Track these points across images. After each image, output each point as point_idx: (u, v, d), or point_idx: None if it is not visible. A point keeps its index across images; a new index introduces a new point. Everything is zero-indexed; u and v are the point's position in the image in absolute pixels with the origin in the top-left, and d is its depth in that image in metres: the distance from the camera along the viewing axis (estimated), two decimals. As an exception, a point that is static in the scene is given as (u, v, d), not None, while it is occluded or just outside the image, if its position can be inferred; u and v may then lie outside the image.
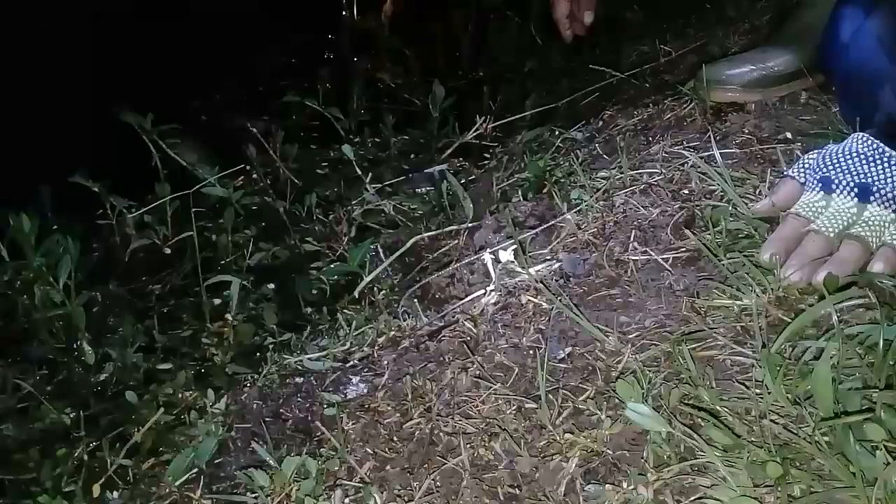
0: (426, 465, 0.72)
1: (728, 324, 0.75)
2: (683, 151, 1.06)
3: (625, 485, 0.63)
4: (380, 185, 1.59)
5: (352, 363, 0.93)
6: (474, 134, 1.73)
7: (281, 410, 0.88)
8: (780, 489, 0.57)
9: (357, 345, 0.97)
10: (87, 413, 1.03)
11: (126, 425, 1.00)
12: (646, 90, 1.49)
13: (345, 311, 1.11)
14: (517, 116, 1.73)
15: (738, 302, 0.77)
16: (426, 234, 1.24)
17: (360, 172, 1.56)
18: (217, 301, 1.31)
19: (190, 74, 1.97)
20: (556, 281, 0.91)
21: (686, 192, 0.99)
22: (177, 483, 0.81)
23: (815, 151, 0.89)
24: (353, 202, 1.56)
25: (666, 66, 1.56)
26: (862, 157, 0.83)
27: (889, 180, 0.81)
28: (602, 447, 0.67)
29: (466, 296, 0.97)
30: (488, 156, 1.69)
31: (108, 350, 1.17)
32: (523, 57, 2.05)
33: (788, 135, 1.06)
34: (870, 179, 0.81)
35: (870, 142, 0.84)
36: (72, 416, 1.05)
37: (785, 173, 0.90)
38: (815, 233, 0.80)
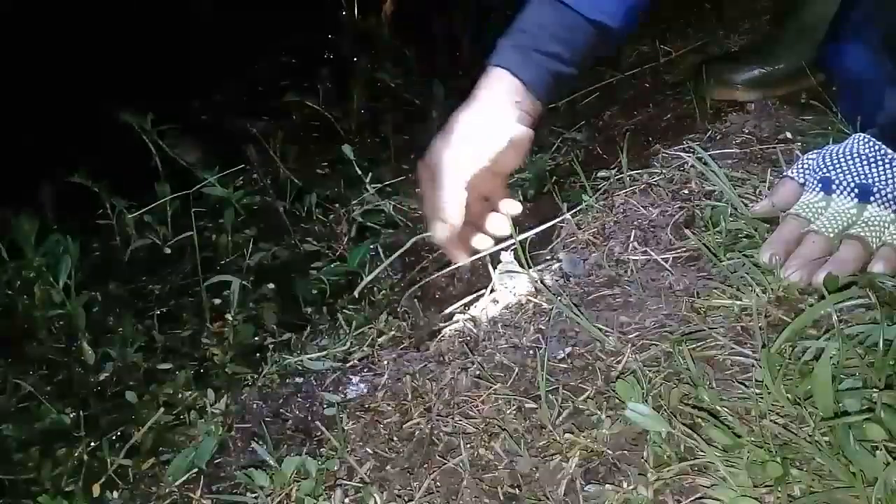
0: (426, 465, 0.72)
1: (728, 324, 0.75)
2: (683, 152, 1.06)
3: (625, 485, 0.63)
4: (380, 185, 1.59)
5: (352, 363, 0.93)
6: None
7: (281, 410, 0.88)
8: (779, 489, 0.57)
9: (357, 345, 0.97)
10: (87, 413, 1.03)
11: (126, 425, 1.00)
12: (646, 90, 1.50)
13: (345, 311, 1.11)
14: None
15: (738, 302, 0.77)
16: (426, 234, 1.24)
17: (360, 172, 1.56)
18: (217, 301, 1.31)
19: (190, 74, 1.97)
20: (556, 281, 0.91)
21: (686, 192, 0.99)
22: (177, 483, 0.81)
23: (815, 152, 0.89)
24: (353, 202, 1.56)
25: (666, 66, 1.56)
26: (862, 157, 0.83)
27: (889, 181, 0.81)
28: (602, 447, 0.67)
29: (466, 296, 0.97)
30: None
31: (108, 350, 1.17)
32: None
33: (788, 135, 1.06)
34: (870, 180, 0.81)
35: (871, 143, 0.84)
36: (72, 415, 1.05)
37: (784, 174, 0.90)
38: (815, 233, 0.80)
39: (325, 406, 0.85)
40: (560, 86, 0.88)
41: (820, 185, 0.84)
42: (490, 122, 0.84)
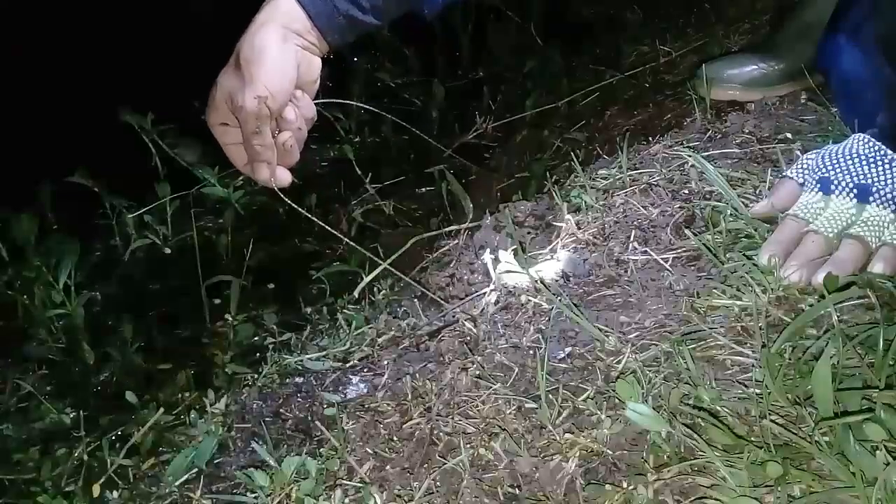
0: (426, 465, 0.72)
1: (728, 324, 0.75)
2: (683, 152, 1.06)
3: (625, 485, 0.63)
4: (380, 185, 1.59)
5: (352, 363, 0.93)
6: (474, 134, 1.74)
7: (281, 410, 0.88)
8: (779, 489, 0.57)
9: (357, 345, 0.97)
10: (87, 413, 1.04)
11: (126, 425, 1.00)
12: (646, 90, 1.49)
13: (345, 310, 1.11)
14: (517, 116, 1.73)
15: (738, 302, 0.77)
16: (426, 234, 1.24)
17: (360, 172, 1.56)
18: (217, 301, 1.31)
19: (190, 74, 1.97)
20: (556, 281, 0.91)
21: (686, 192, 0.99)
22: (177, 483, 0.81)
23: (815, 152, 0.89)
24: (353, 202, 1.56)
25: (666, 66, 1.56)
26: (862, 157, 0.83)
27: (889, 181, 0.81)
28: (602, 447, 0.67)
29: (466, 296, 0.97)
30: (488, 156, 1.69)
31: (108, 350, 1.18)
32: (523, 57, 2.06)
33: (788, 135, 1.06)
34: (869, 180, 0.81)
35: (871, 143, 0.84)
36: (72, 415, 1.06)
37: (784, 174, 0.90)
38: (815, 233, 0.80)
39: (325, 406, 0.85)
40: (352, 31, 0.81)
41: (819, 186, 0.84)
42: (266, 51, 0.76)
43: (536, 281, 0.91)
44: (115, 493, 0.86)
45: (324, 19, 0.78)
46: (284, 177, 0.83)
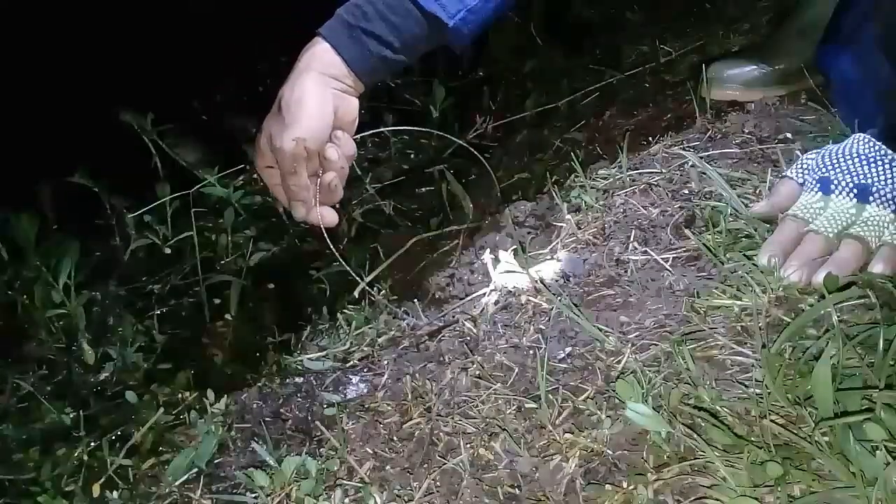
0: (426, 465, 0.72)
1: (728, 324, 0.75)
2: (683, 151, 1.06)
3: (625, 485, 0.63)
4: (380, 185, 1.59)
5: (352, 363, 0.93)
6: (474, 134, 1.74)
7: (281, 410, 0.88)
8: (780, 489, 0.57)
9: (357, 345, 0.97)
10: (87, 413, 1.03)
11: (126, 425, 1.00)
12: (646, 90, 1.49)
13: (345, 310, 1.11)
14: (517, 116, 1.73)
15: (738, 302, 0.77)
16: (426, 234, 1.24)
17: (359, 172, 1.56)
18: (217, 301, 1.31)
19: (190, 74, 1.97)
20: (556, 281, 0.91)
21: (686, 192, 0.99)
22: (177, 483, 0.81)
23: (815, 152, 0.89)
24: (353, 202, 1.56)
25: (666, 66, 1.55)
26: (862, 157, 0.83)
27: (889, 181, 0.81)
28: (602, 447, 0.67)
29: (466, 296, 0.97)
30: (488, 156, 1.69)
31: (108, 350, 1.17)
32: (523, 57, 2.05)
33: (788, 135, 1.06)
34: (869, 180, 0.81)
35: (871, 143, 0.84)
36: (72, 415, 1.05)
37: (784, 174, 0.90)
38: (815, 232, 0.80)
39: (325, 406, 0.85)
40: (385, 70, 0.86)
41: (818, 186, 0.84)
42: (305, 96, 0.81)
43: (536, 281, 0.91)
44: (115, 493, 0.85)
45: (358, 63, 0.83)
46: (331, 217, 0.89)
